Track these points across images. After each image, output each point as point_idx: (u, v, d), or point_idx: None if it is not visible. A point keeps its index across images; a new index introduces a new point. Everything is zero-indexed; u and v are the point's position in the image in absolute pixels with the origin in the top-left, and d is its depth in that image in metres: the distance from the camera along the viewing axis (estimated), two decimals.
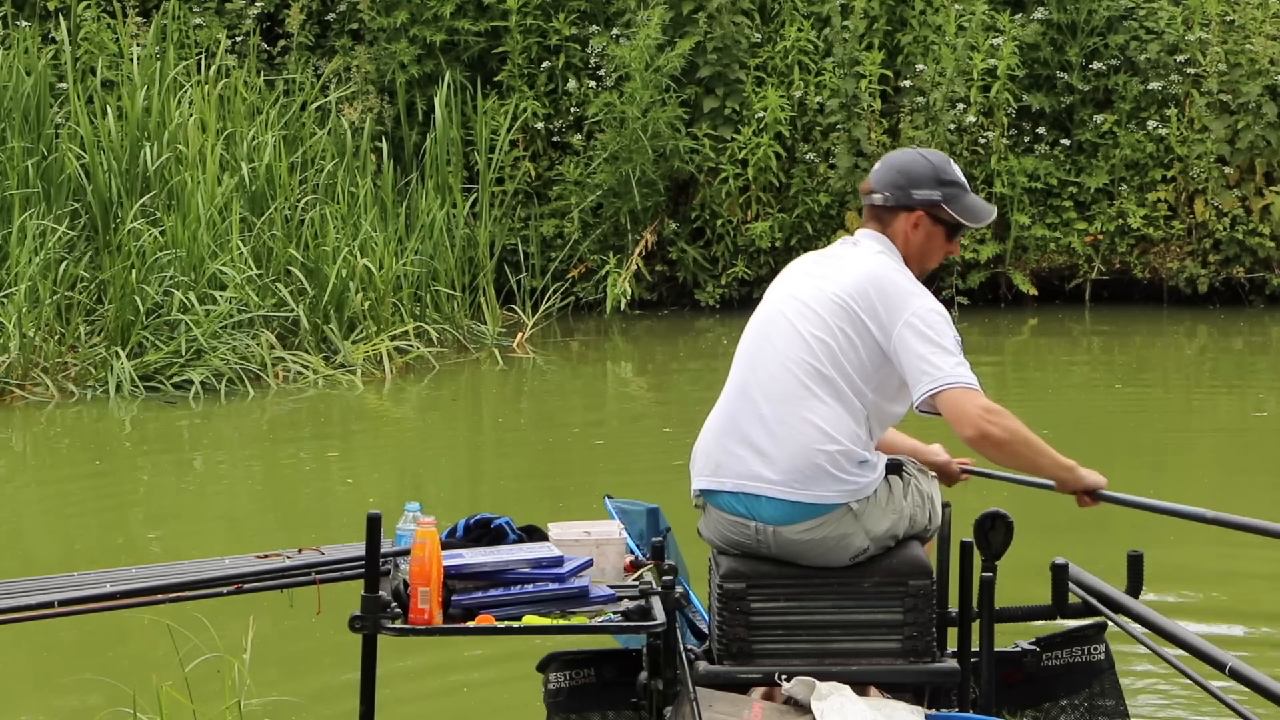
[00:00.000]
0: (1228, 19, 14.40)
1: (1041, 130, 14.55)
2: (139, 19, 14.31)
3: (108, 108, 13.38)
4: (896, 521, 4.65)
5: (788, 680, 4.46)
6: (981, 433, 4.50)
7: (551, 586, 4.42)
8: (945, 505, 4.77)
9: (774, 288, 4.84)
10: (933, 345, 4.60)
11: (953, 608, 4.75)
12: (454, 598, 4.38)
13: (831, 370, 4.59)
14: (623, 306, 14.07)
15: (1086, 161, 14.52)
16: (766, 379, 4.64)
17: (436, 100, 14.18)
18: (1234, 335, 13.79)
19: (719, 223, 14.37)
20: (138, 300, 11.95)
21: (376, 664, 4.43)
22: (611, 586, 4.53)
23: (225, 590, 4.63)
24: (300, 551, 4.88)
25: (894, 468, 4.70)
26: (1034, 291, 14.37)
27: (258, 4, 14.79)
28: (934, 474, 4.90)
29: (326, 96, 14.36)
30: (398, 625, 4.32)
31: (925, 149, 4.96)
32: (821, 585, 4.60)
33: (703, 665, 4.59)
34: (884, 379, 4.62)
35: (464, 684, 6.69)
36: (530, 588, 4.41)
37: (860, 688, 4.48)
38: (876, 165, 4.85)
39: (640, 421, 11.21)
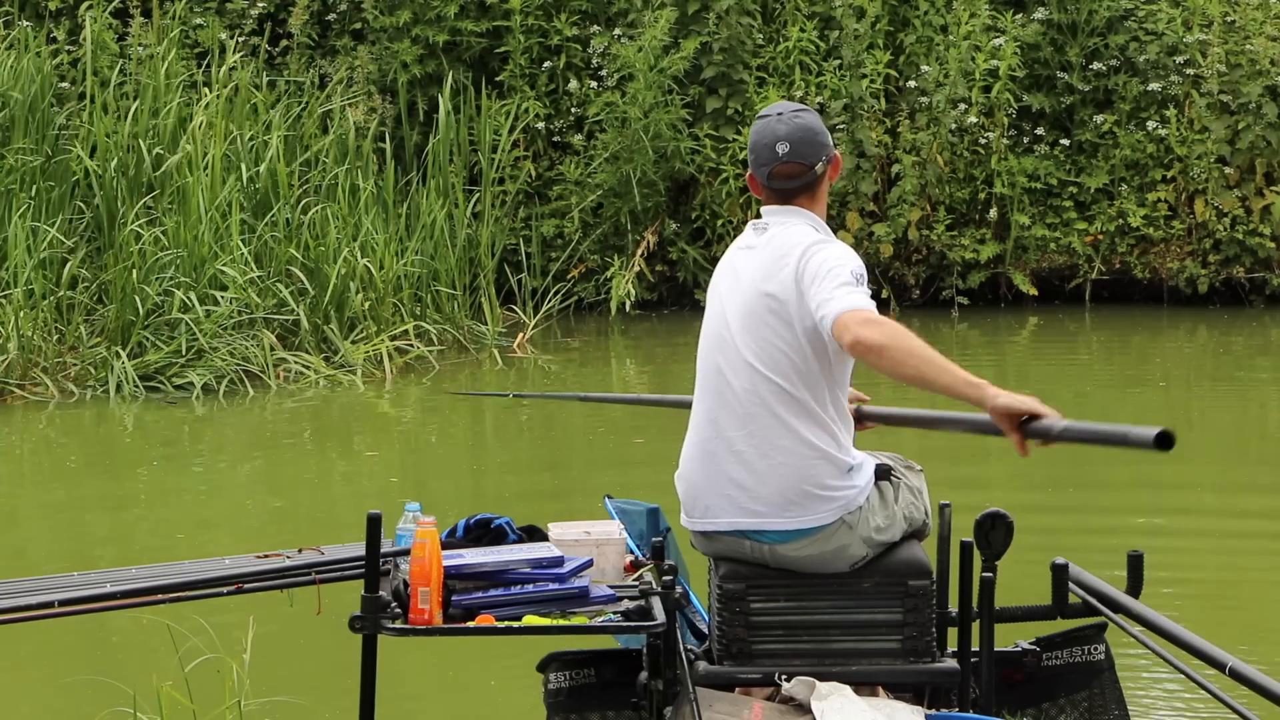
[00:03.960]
0: (1228, 19, 14.41)
1: (1041, 130, 14.56)
2: (142, 19, 14.31)
3: (110, 108, 13.39)
4: (891, 526, 4.64)
5: (788, 680, 4.46)
6: (855, 338, 4.23)
7: (551, 586, 4.42)
8: (945, 505, 4.77)
9: (712, 300, 4.71)
10: (819, 283, 4.43)
11: (953, 608, 4.75)
12: (454, 598, 4.38)
13: (789, 386, 4.52)
14: (626, 308, 14.08)
15: (1086, 161, 14.52)
16: (733, 416, 4.57)
17: (441, 100, 14.17)
18: (1234, 335, 13.79)
19: (719, 223, 14.37)
20: (138, 300, 11.95)
21: (376, 664, 4.43)
22: (611, 586, 4.53)
23: (225, 590, 4.64)
24: (300, 551, 4.89)
25: (882, 473, 4.69)
26: (1034, 291, 14.37)
27: (259, 4, 14.79)
28: (920, 468, 4.89)
29: (329, 97, 14.36)
30: (398, 625, 4.32)
31: (770, 108, 4.75)
32: (821, 586, 4.60)
33: (703, 665, 4.59)
34: (827, 364, 4.55)
35: (464, 684, 6.69)
36: (530, 588, 4.41)
37: (860, 688, 4.49)
38: (784, 149, 4.60)
39: (641, 421, 11.21)
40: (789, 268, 4.52)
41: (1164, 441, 3.84)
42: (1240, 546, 8.64)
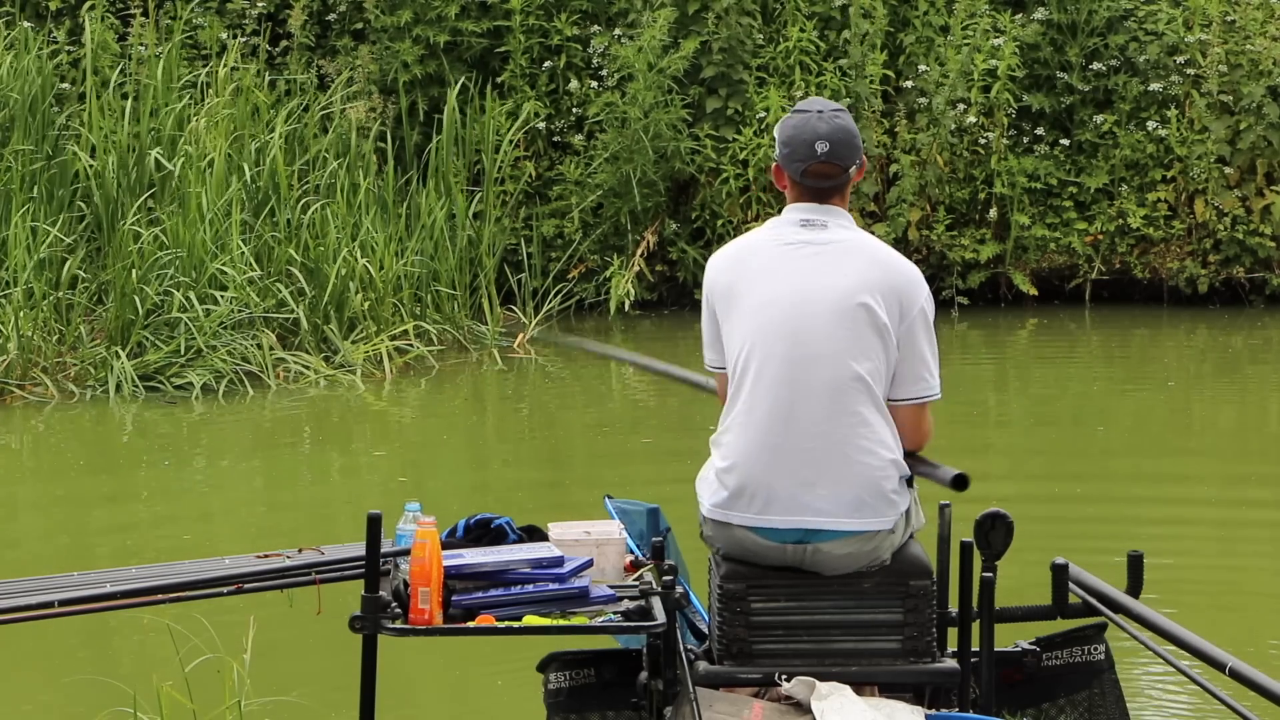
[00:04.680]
0: (1228, 19, 14.41)
1: (1041, 130, 14.55)
2: (142, 19, 14.31)
3: (110, 108, 13.39)
4: (909, 530, 4.67)
5: (788, 680, 4.46)
6: (925, 442, 4.74)
7: (551, 586, 4.42)
8: (945, 505, 4.77)
9: (761, 291, 4.61)
10: (931, 349, 4.62)
11: (953, 608, 4.75)
12: (454, 598, 4.38)
13: (875, 386, 4.56)
14: (626, 308, 14.07)
15: (1086, 161, 14.51)
16: (812, 411, 4.53)
17: (450, 98, 14.15)
18: (1234, 335, 13.79)
19: (719, 223, 14.37)
20: (137, 300, 11.94)
21: (377, 664, 4.43)
22: (611, 586, 4.53)
23: (225, 590, 4.64)
24: (300, 551, 4.89)
25: (909, 481, 4.71)
26: (1034, 291, 14.37)
27: (259, 4, 14.79)
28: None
29: (330, 97, 14.34)
30: (398, 625, 4.32)
31: (807, 104, 4.74)
32: (822, 586, 4.60)
33: (703, 665, 4.59)
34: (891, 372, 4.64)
35: (464, 684, 6.69)
36: (530, 588, 4.41)
37: (860, 688, 4.49)
38: (824, 149, 4.61)
39: (641, 421, 11.22)
40: (905, 302, 4.57)
41: (959, 483, 4.52)
42: (1241, 546, 8.65)
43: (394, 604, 4.36)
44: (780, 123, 4.76)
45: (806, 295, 4.58)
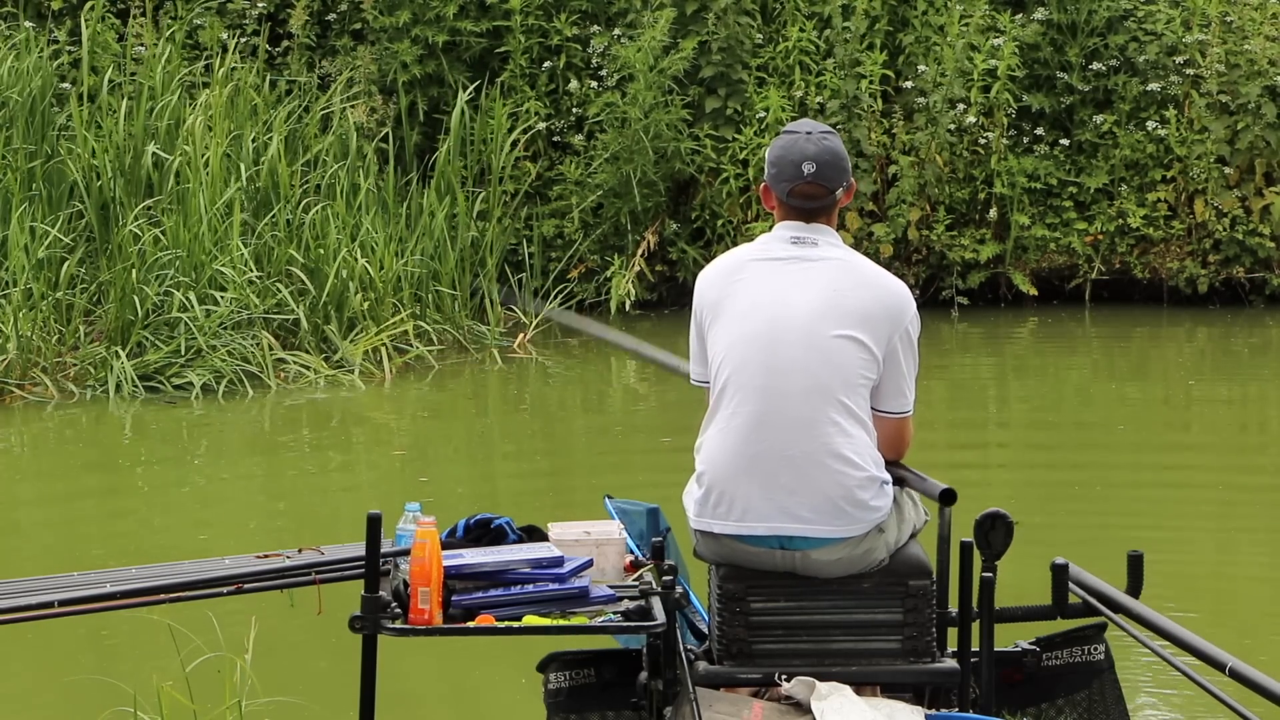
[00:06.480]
0: (1226, 19, 14.41)
1: (1041, 130, 14.55)
2: (142, 19, 14.31)
3: (111, 108, 13.39)
4: (905, 527, 4.68)
5: (787, 680, 4.46)
6: (904, 455, 4.81)
7: (551, 587, 4.43)
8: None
9: (743, 303, 4.65)
10: (912, 366, 4.69)
11: (953, 608, 4.75)
12: (454, 598, 4.38)
13: (854, 396, 4.58)
14: (627, 308, 14.07)
15: (1086, 162, 14.51)
16: (789, 421, 4.56)
17: (459, 99, 14.14)
18: (1234, 335, 13.79)
19: (719, 223, 14.37)
20: (137, 300, 11.94)
21: (376, 664, 4.44)
22: (611, 586, 4.54)
23: (225, 590, 4.64)
24: (300, 551, 4.89)
25: (897, 480, 4.72)
26: (1034, 291, 14.37)
27: (259, 4, 14.79)
28: None
29: (330, 98, 14.34)
30: (398, 625, 4.32)
31: (797, 125, 4.77)
32: (821, 586, 4.61)
33: (703, 665, 4.59)
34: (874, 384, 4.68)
35: (464, 684, 6.69)
36: (530, 588, 4.42)
37: (860, 688, 4.49)
38: (810, 169, 4.63)
39: (641, 422, 11.21)
40: (892, 322, 4.62)
41: (946, 498, 4.58)
42: (1241, 546, 8.65)
43: (394, 604, 4.37)
44: (771, 144, 4.79)
45: (790, 308, 4.62)
